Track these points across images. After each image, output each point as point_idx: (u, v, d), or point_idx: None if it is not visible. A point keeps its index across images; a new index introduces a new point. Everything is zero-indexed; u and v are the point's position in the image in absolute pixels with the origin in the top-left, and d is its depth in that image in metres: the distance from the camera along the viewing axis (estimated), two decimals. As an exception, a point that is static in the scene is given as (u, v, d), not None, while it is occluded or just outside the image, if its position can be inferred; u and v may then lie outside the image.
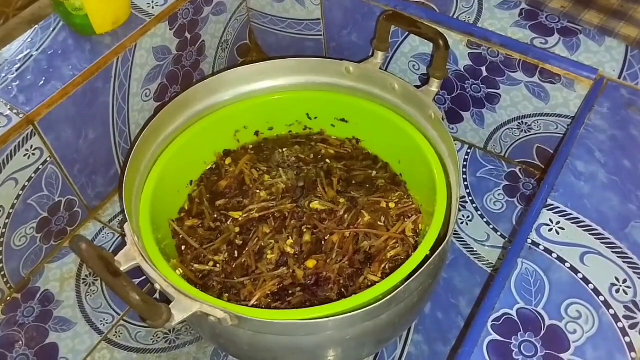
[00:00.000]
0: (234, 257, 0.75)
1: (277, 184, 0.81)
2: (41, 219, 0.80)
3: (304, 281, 0.71)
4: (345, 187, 0.81)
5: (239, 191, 0.81)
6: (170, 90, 0.93)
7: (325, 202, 0.78)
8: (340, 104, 0.83)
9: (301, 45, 1.03)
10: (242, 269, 0.74)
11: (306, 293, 0.70)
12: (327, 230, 0.76)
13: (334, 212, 0.78)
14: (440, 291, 0.80)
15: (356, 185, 0.81)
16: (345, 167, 0.84)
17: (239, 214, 0.79)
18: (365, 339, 0.65)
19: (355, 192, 0.80)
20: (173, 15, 0.86)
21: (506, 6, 0.83)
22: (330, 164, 0.84)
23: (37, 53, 0.79)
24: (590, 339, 0.55)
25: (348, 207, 0.78)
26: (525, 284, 0.59)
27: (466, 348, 0.56)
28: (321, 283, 0.71)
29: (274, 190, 0.81)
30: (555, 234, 0.63)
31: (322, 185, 0.81)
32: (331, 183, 0.81)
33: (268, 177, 0.82)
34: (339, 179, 0.82)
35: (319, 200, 0.79)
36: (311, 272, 0.72)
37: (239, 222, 0.78)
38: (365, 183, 0.82)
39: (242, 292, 0.71)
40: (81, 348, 0.77)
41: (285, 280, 0.71)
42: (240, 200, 0.80)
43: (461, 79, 0.87)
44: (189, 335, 0.78)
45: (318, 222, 0.76)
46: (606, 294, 0.58)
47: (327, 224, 0.76)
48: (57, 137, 0.77)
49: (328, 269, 0.72)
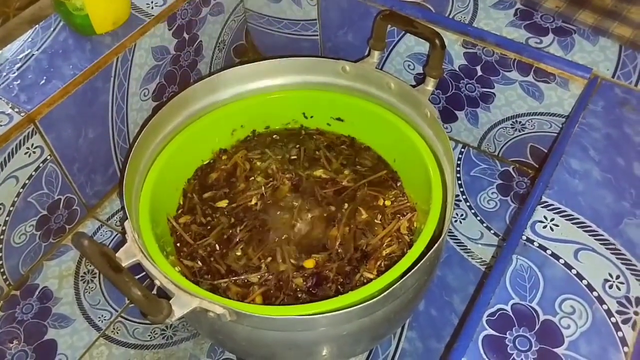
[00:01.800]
0: (223, 253, 0.75)
1: (270, 164, 0.82)
2: (41, 216, 0.81)
3: (304, 286, 0.71)
4: (348, 163, 0.83)
5: (226, 182, 0.82)
6: (168, 89, 0.93)
7: (328, 172, 0.79)
8: (336, 103, 0.83)
9: (297, 46, 1.04)
10: (229, 270, 0.74)
11: (306, 294, 0.71)
12: (326, 199, 0.77)
13: (337, 182, 0.79)
14: (434, 289, 0.80)
15: (360, 165, 0.83)
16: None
17: (224, 202, 0.79)
18: (360, 335, 0.65)
19: (360, 167, 0.81)
20: (172, 15, 0.87)
21: (501, 6, 0.84)
22: (333, 141, 0.85)
23: (38, 52, 0.80)
24: (583, 333, 0.56)
25: (353, 178, 0.79)
26: (520, 280, 0.60)
27: (462, 342, 0.56)
28: (321, 282, 0.71)
29: (270, 172, 0.82)
30: (549, 230, 0.63)
31: (325, 156, 0.81)
32: (335, 156, 0.82)
33: (260, 163, 0.83)
34: (341, 155, 0.83)
35: (323, 169, 0.80)
36: (310, 273, 0.72)
37: (230, 213, 0.79)
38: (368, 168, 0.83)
39: (229, 294, 0.72)
40: (79, 344, 0.78)
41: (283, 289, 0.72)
42: (227, 192, 0.81)
43: (456, 78, 0.88)
44: (186, 332, 0.79)
45: (319, 188, 0.77)
46: (600, 290, 0.59)
47: (327, 192, 0.77)
48: (57, 135, 0.77)
49: (327, 268, 0.72)
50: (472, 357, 0.55)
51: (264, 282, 0.72)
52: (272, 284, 0.71)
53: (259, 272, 0.72)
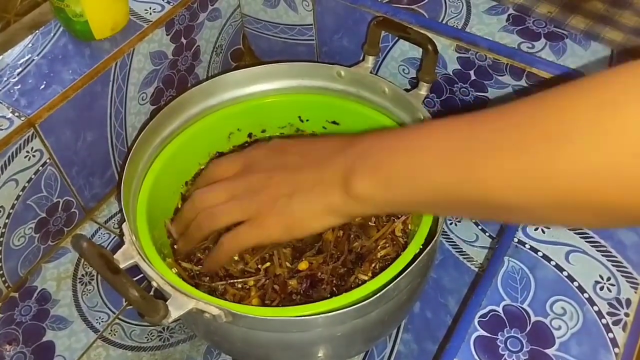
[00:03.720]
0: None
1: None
2: (40, 219, 0.81)
3: (299, 288, 0.72)
4: None
5: None
6: (166, 93, 0.94)
7: None
8: (332, 107, 0.84)
9: (293, 50, 1.04)
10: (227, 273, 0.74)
11: (301, 296, 0.71)
12: None
13: None
14: (429, 291, 0.81)
15: None
16: None
17: None
18: (355, 336, 0.66)
19: None
20: (170, 21, 0.88)
21: (494, 11, 0.85)
22: None
23: (38, 58, 0.80)
24: (574, 334, 0.57)
25: None
26: (511, 282, 0.61)
27: (454, 343, 0.57)
28: (315, 284, 0.72)
29: None
30: (541, 232, 0.64)
31: None
32: None
33: None
34: None
35: None
36: (304, 274, 0.73)
37: None
38: None
39: (227, 296, 0.72)
40: (77, 346, 0.78)
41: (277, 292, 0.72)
42: None
43: (450, 82, 0.88)
44: (183, 334, 0.79)
45: None
46: (590, 292, 0.60)
47: None
48: (56, 139, 0.78)
49: (322, 270, 0.73)
50: (464, 358, 0.56)
51: (261, 286, 0.72)
52: (269, 287, 0.72)
53: (255, 276, 0.73)
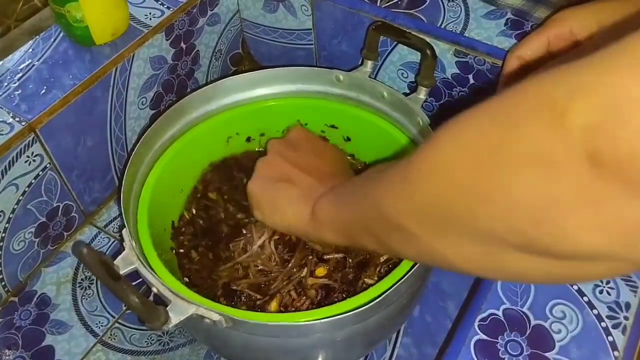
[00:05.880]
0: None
1: None
2: (39, 223, 0.81)
3: (316, 299, 0.71)
4: None
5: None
6: (166, 98, 0.94)
7: None
8: (331, 111, 0.84)
9: (292, 54, 1.05)
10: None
11: (316, 307, 0.70)
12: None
13: None
14: (429, 295, 0.81)
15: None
16: None
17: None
18: (355, 340, 0.66)
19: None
20: (169, 26, 0.88)
21: (492, 16, 0.85)
22: None
23: (39, 63, 0.81)
24: (574, 338, 0.57)
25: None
26: (511, 285, 0.61)
27: (454, 347, 0.57)
28: (329, 293, 0.71)
29: None
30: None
31: None
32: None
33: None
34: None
35: None
36: (320, 284, 0.71)
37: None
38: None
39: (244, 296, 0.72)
40: (77, 350, 0.78)
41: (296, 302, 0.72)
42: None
43: (449, 86, 0.89)
44: (182, 338, 0.79)
45: None
46: (590, 295, 0.60)
47: None
48: (57, 144, 0.78)
49: (333, 279, 0.72)
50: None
51: (279, 291, 0.72)
52: (289, 293, 0.72)
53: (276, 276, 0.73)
